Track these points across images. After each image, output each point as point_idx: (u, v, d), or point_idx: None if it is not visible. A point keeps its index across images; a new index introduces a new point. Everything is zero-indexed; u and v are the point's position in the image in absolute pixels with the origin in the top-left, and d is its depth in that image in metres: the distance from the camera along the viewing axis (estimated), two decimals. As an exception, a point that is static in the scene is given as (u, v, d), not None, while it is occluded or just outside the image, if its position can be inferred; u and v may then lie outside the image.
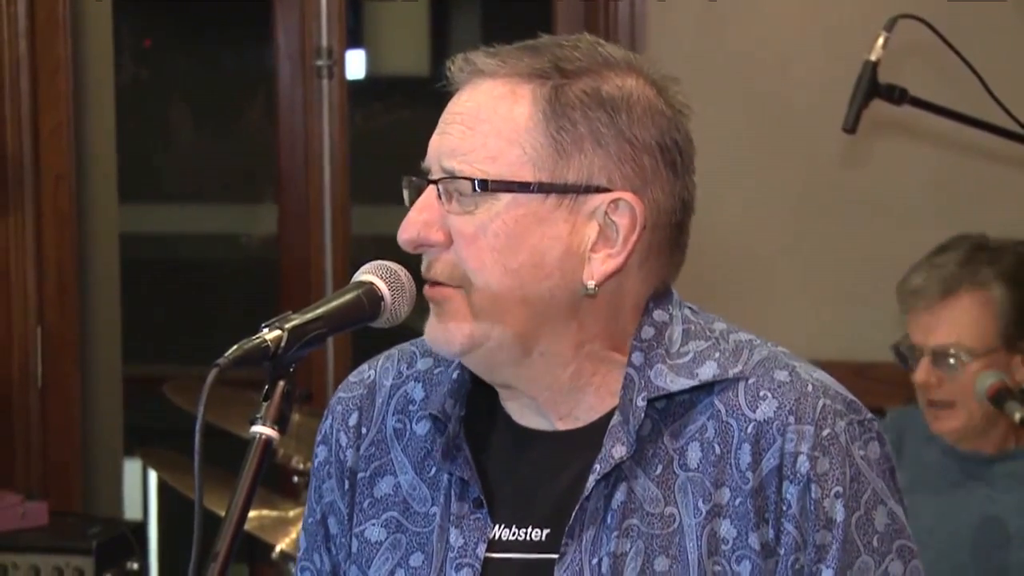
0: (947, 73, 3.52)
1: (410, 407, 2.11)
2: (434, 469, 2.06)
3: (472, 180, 1.93)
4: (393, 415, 2.12)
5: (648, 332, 2.02)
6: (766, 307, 3.85)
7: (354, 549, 2.10)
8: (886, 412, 3.67)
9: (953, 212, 3.80)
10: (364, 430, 2.13)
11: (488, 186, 1.93)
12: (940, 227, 3.62)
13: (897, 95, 3.42)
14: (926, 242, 3.62)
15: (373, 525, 2.09)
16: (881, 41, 3.40)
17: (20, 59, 4.58)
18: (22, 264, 4.61)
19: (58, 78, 4.62)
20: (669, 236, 2.03)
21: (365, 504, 2.10)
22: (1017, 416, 3.38)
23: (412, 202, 1.99)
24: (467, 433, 2.05)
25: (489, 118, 1.96)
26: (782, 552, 1.95)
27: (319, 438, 2.16)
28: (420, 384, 2.12)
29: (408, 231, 1.95)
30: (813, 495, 1.94)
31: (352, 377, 2.17)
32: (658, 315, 2.03)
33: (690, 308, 2.07)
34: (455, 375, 2.06)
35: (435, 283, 1.97)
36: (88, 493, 4.73)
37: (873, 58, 3.39)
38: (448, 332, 1.96)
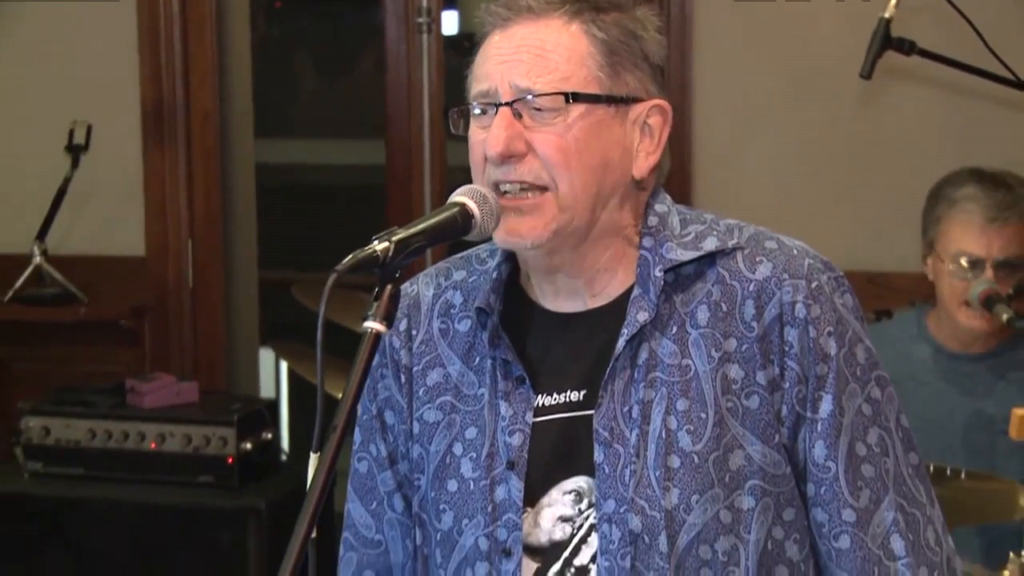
0: (950, 28, 3.46)
1: (451, 310, 2.12)
2: (478, 358, 2.08)
3: (565, 95, 1.95)
4: (437, 318, 2.13)
5: (652, 220, 2.04)
6: (793, 224, 3.79)
7: (415, 431, 2.11)
8: (893, 313, 3.62)
9: (953, 147, 3.78)
10: (413, 332, 2.13)
11: (568, 99, 1.95)
12: (942, 160, 3.61)
13: (907, 47, 3.40)
14: (929, 171, 3.57)
15: (429, 409, 2.10)
16: (894, 1, 3.36)
17: (173, 18, 4.58)
18: (176, 188, 4.63)
19: (205, 34, 4.62)
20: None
21: (420, 392, 2.11)
22: (1005, 317, 3.34)
23: (473, 126, 2.01)
24: (504, 323, 2.06)
25: (555, 48, 1.97)
26: (786, 386, 1.97)
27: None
28: (458, 291, 2.12)
29: (497, 145, 1.95)
30: (811, 335, 1.97)
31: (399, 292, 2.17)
32: (658, 207, 2.06)
33: (680, 204, 2.10)
34: (494, 275, 2.08)
35: (522, 189, 1.97)
36: (230, 376, 4.77)
37: (887, 15, 3.36)
38: (535, 228, 1.96)
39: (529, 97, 1.95)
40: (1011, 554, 3.00)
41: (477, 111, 2.00)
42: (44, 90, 4.56)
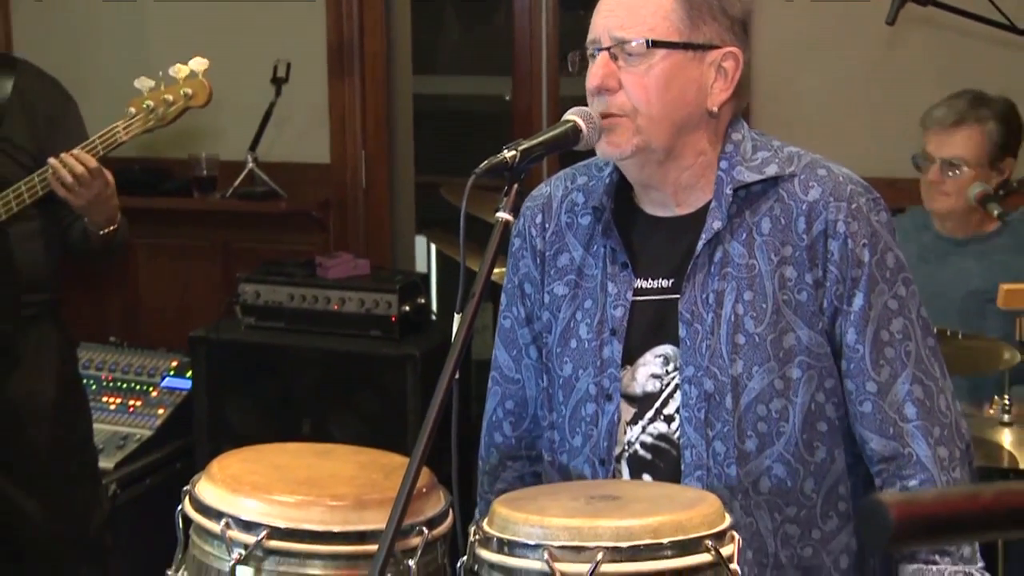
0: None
1: (575, 208, 2.11)
2: (595, 246, 2.07)
3: (644, 41, 1.93)
4: (565, 214, 2.12)
5: (728, 147, 2.01)
6: (832, 141, 3.71)
7: (546, 300, 2.11)
8: (906, 209, 3.56)
9: (959, 78, 3.67)
10: (547, 224, 2.13)
11: (650, 44, 1.93)
12: (950, 88, 3.51)
13: None
14: (938, 97, 3.48)
15: (558, 284, 2.10)
16: None
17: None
18: (352, 111, 4.62)
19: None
20: (744, 82, 2.03)
21: (551, 272, 2.11)
22: (996, 212, 3.30)
23: (585, 66, 2.00)
24: (615, 220, 2.05)
25: (644, 4, 1.96)
26: (828, 284, 1.96)
27: (514, 233, 2.17)
28: (580, 192, 2.11)
29: (595, 80, 1.96)
30: (848, 246, 1.95)
31: (534, 192, 2.18)
32: (735, 136, 2.03)
33: (755, 131, 2.07)
34: (607, 181, 2.07)
35: (611, 115, 1.96)
36: (393, 255, 4.78)
37: None
38: (620, 144, 1.96)
39: (619, 44, 1.94)
40: (995, 396, 2.97)
41: (589, 54, 1.98)
42: (254, 35, 4.58)
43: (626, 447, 2.02)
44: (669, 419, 2.00)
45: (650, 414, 2.01)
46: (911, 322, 1.98)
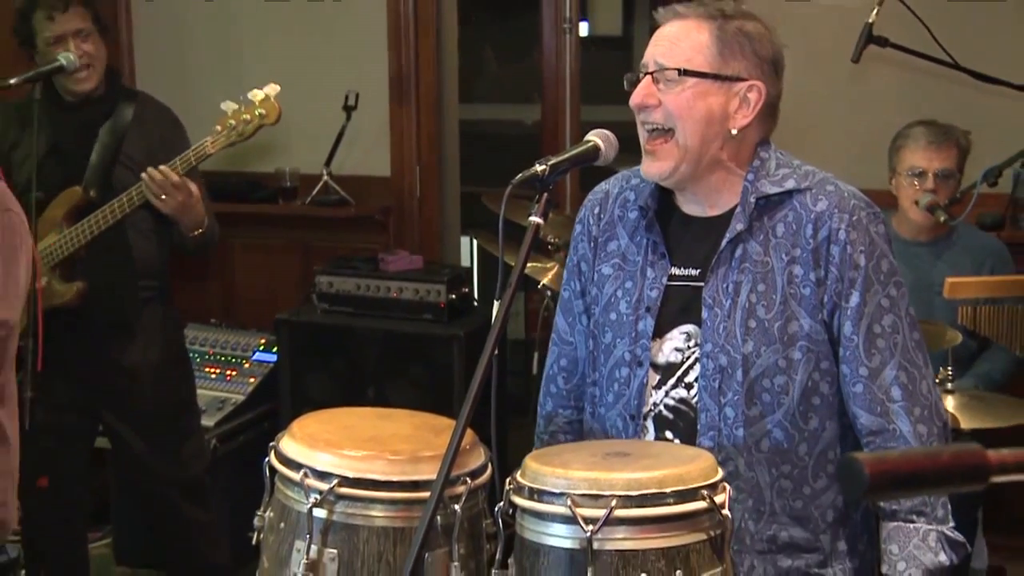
0: (911, 29, 3.34)
1: (627, 203, 2.10)
2: (639, 237, 2.06)
3: (678, 70, 1.92)
4: (618, 208, 2.11)
5: (756, 162, 1.99)
6: (805, 154, 3.72)
7: (595, 278, 2.11)
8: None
9: (911, 106, 3.66)
10: (602, 216, 2.12)
11: (681, 72, 1.93)
12: (905, 116, 3.48)
13: (883, 42, 3.30)
14: (896, 123, 3.46)
15: (606, 265, 2.09)
16: (875, 11, 3.27)
17: (409, 21, 4.53)
18: (409, 133, 4.60)
19: (429, 31, 4.57)
20: (771, 111, 2.01)
21: (601, 255, 2.10)
22: (942, 218, 3.28)
23: (634, 85, 1.98)
24: (657, 217, 2.05)
25: (685, 39, 1.95)
26: (828, 283, 1.94)
27: (577, 219, 2.17)
28: (632, 192, 2.10)
29: (637, 97, 1.96)
30: (848, 252, 1.93)
31: (596, 188, 2.17)
32: (763, 154, 2.01)
33: (780, 152, 2.04)
34: (652, 185, 2.06)
35: (653, 130, 1.96)
36: (442, 252, 4.76)
37: (870, 20, 3.27)
38: (662, 168, 1.97)
39: (660, 70, 1.93)
40: (941, 368, 2.95)
41: (638, 76, 1.98)
42: (329, 69, 4.57)
43: (652, 407, 2.01)
44: (688, 386, 1.98)
45: (672, 381, 1.99)
46: (900, 319, 1.95)
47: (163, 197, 3.09)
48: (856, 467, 0.87)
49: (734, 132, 1.95)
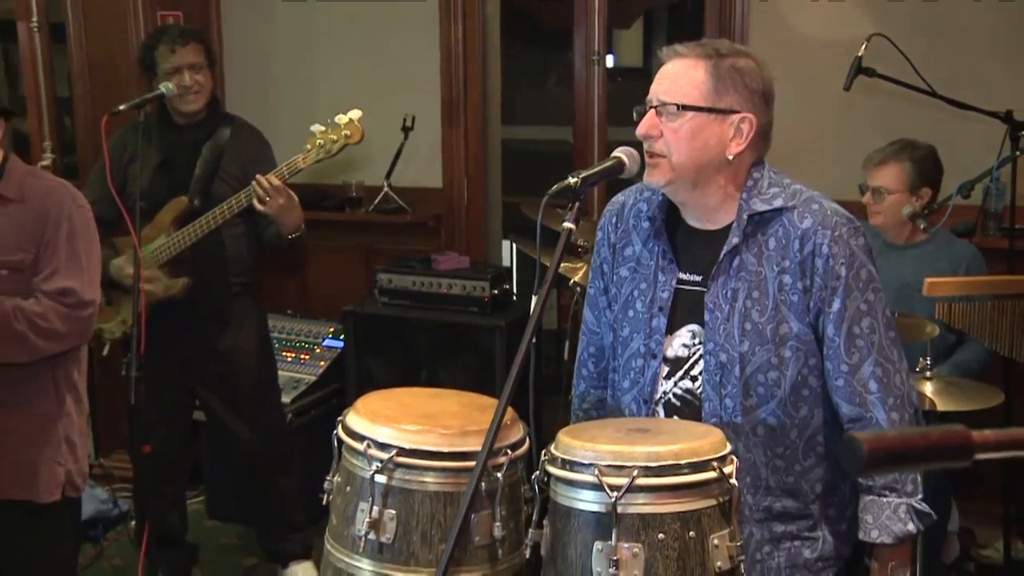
0: (896, 62, 3.28)
1: (640, 213, 2.08)
2: (651, 244, 2.04)
3: (677, 104, 1.89)
4: (632, 217, 2.09)
5: (750, 182, 1.96)
6: (800, 172, 3.69)
7: (615, 279, 2.09)
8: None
9: (895, 129, 3.59)
10: (619, 224, 2.10)
11: (679, 107, 1.89)
12: (889, 136, 3.43)
13: (872, 73, 3.26)
14: (880, 143, 3.39)
15: (623, 268, 2.08)
16: (864, 45, 3.23)
17: (459, 51, 4.51)
18: (458, 150, 4.58)
19: (475, 60, 4.55)
20: (763, 136, 1.97)
21: (619, 258, 2.08)
22: (922, 226, 3.24)
23: (642, 116, 1.95)
24: (665, 227, 2.02)
25: (683, 76, 1.91)
26: (814, 290, 1.90)
27: (598, 227, 2.15)
28: (645, 203, 2.08)
29: (642, 129, 1.93)
30: (830, 264, 1.89)
31: (613, 199, 2.15)
32: (756, 175, 1.97)
33: (773, 171, 2.00)
34: (660, 198, 2.04)
35: (653, 155, 1.93)
36: (487, 253, 4.76)
37: (860, 54, 3.23)
38: (658, 179, 1.94)
39: (662, 105, 1.90)
40: (920, 358, 2.91)
41: (645, 108, 1.95)
42: (390, 97, 4.57)
43: (662, 395, 2.00)
44: (693, 379, 1.97)
45: (680, 373, 1.98)
46: (876, 320, 1.92)
47: (267, 199, 3.14)
48: (856, 444, 0.86)
49: (730, 158, 1.92)
